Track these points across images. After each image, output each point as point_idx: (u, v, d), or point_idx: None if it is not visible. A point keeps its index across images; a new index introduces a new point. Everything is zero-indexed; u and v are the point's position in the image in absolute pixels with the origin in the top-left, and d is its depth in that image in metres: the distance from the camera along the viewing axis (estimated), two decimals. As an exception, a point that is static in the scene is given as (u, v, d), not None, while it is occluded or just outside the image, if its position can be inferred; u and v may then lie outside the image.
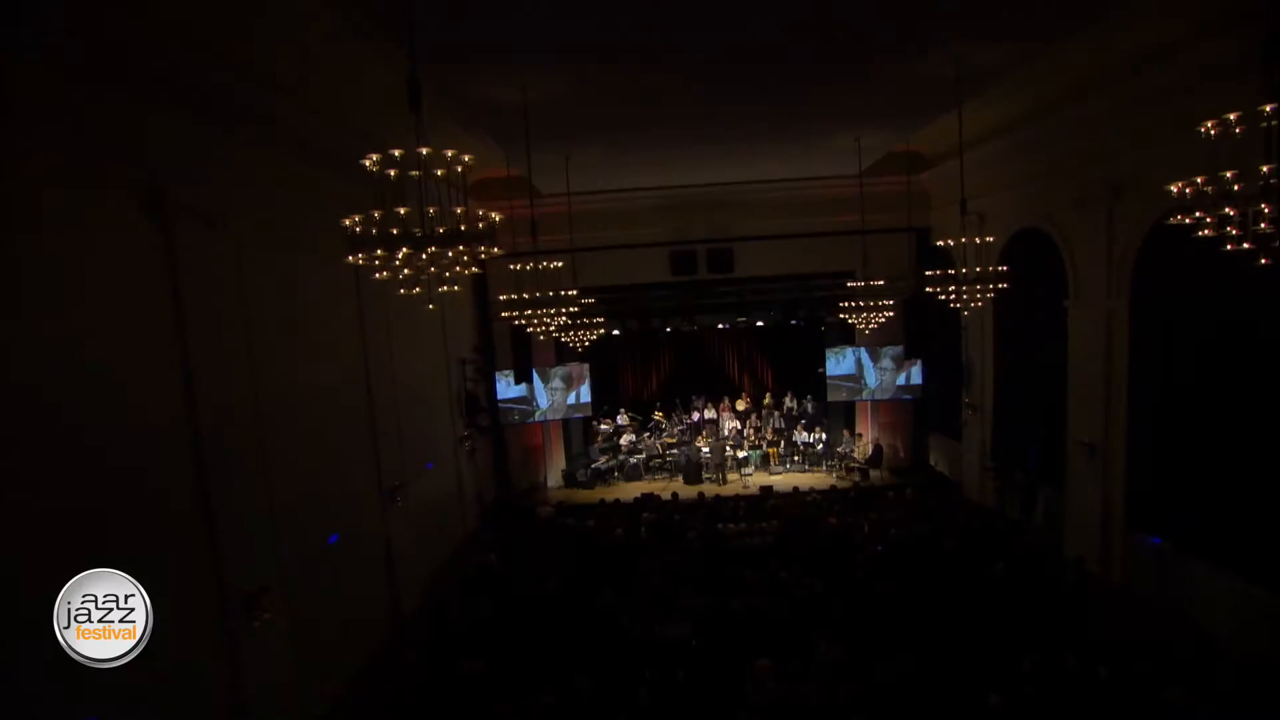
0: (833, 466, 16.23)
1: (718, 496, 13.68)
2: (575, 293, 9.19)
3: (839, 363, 15.92)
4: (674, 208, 15.32)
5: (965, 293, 8.81)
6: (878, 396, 15.99)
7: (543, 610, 9.63)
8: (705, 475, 16.06)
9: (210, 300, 6.72)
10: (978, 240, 9.15)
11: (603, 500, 13.80)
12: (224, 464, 6.76)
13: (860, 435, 16.25)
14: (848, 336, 16.43)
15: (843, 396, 16.21)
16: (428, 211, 4.18)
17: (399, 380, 11.35)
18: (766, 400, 18.86)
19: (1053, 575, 10.14)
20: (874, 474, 15.39)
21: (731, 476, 16.08)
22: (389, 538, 10.67)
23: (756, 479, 15.69)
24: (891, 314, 12.50)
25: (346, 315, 9.99)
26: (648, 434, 17.58)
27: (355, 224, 4.27)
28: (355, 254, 4.30)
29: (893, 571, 9.97)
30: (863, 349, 15.84)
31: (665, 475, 16.43)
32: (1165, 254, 9.28)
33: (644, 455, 16.82)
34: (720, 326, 19.96)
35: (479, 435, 15.01)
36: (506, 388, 15.68)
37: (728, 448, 16.39)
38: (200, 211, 6.53)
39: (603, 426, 17.86)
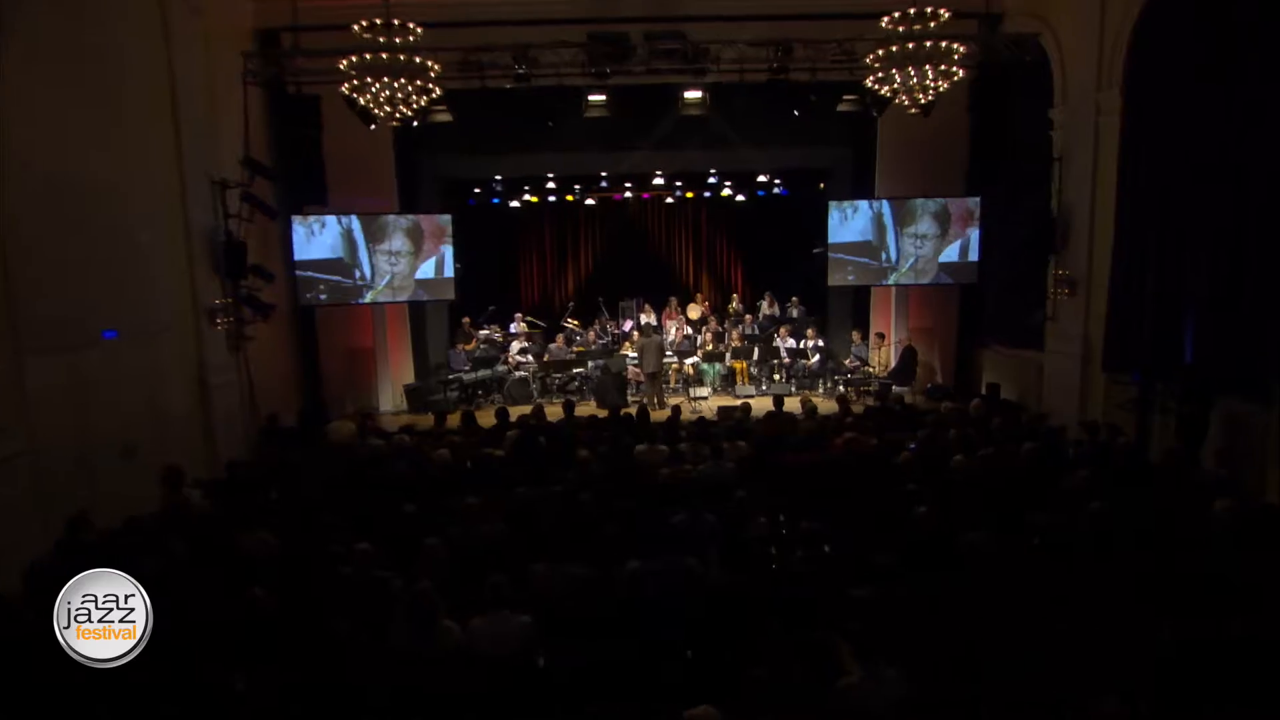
0: (834, 387, 11.61)
1: (643, 409, 8.91)
2: None
3: (846, 221, 11.22)
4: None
5: None
6: (906, 280, 11.37)
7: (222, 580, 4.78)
8: (632, 396, 11.32)
9: None
10: None
11: (440, 416, 8.87)
12: None
13: (882, 337, 11.61)
14: (864, 184, 11.80)
15: (849, 279, 11.55)
16: None
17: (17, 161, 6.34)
18: (734, 305, 14.19)
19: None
20: (900, 394, 10.74)
21: (675, 400, 11.35)
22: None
23: (713, 403, 10.98)
24: (957, 76, 7.74)
25: None
26: (556, 343, 12.73)
27: None
28: None
29: (972, 519, 5.34)
30: (885, 202, 11.19)
31: (576, 398, 11.55)
32: None
33: (535, 367, 11.97)
34: (668, 200, 15.27)
35: (255, 314, 9.91)
36: (308, 240, 10.58)
37: (669, 353, 11.63)
38: None
39: (483, 332, 12.95)
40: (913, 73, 7.58)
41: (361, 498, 6.42)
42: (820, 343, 12.10)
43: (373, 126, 8.77)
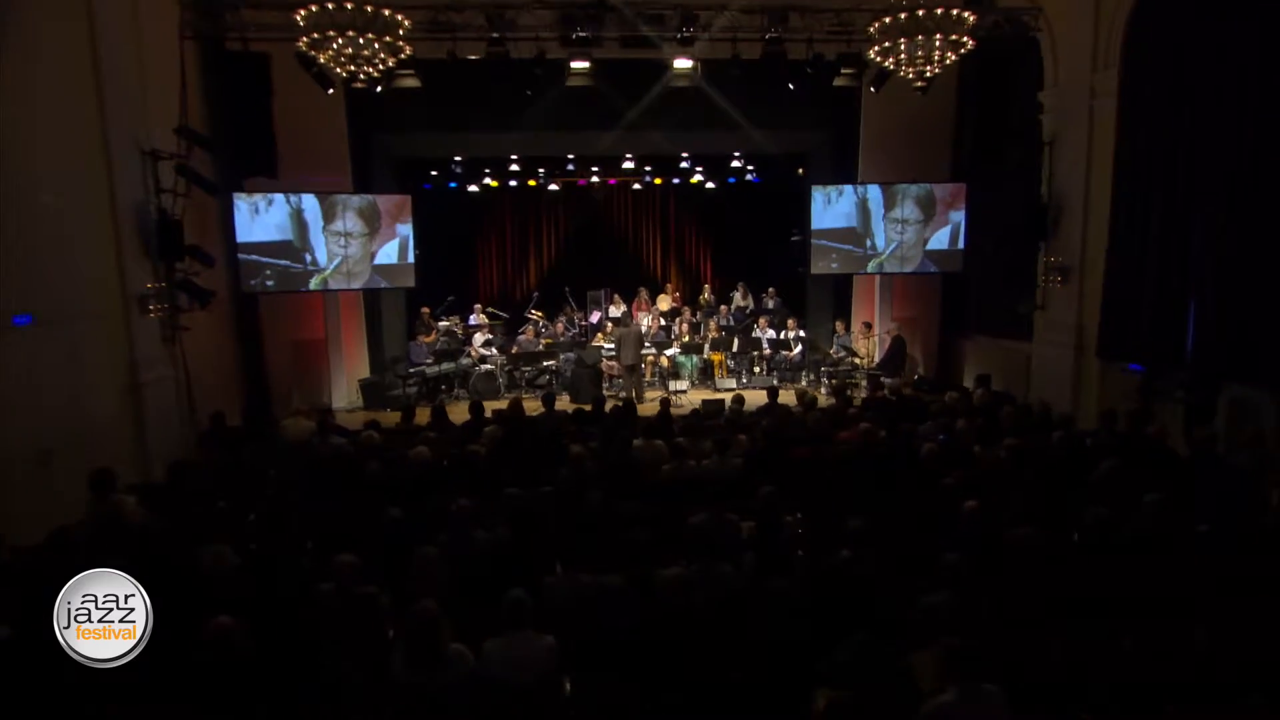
0: (818, 379, 11.28)
1: (628, 403, 8.39)
2: None
3: (829, 206, 10.91)
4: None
5: None
6: (891, 268, 11.11)
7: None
8: (607, 391, 10.76)
9: None
10: None
11: (408, 412, 8.17)
12: None
13: (869, 326, 11.31)
14: (845, 169, 11.50)
15: (833, 268, 11.24)
16: None
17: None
18: (705, 296, 13.76)
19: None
20: (895, 385, 10.40)
21: (654, 395, 10.84)
22: None
23: (693, 397, 10.51)
24: (967, 47, 7.39)
25: None
26: (522, 333, 12.08)
27: None
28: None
29: (1019, 513, 4.99)
30: (871, 186, 10.91)
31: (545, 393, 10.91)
32: None
33: (503, 360, 11.31)
34: (635, 186, 14.77)
35: (192, 301, 8.97)
36: (252, 220, 9.68)
37: (647, 344, 11.11)
38: None
39: (442, 324, 12.21)
40: (920, 42, 7.22)
41: (332, 502, 5.72)
42: (802, 333, 11.76)
43: (330, 91, 7.97)
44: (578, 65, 8.50)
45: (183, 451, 8.58)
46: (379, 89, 7.76)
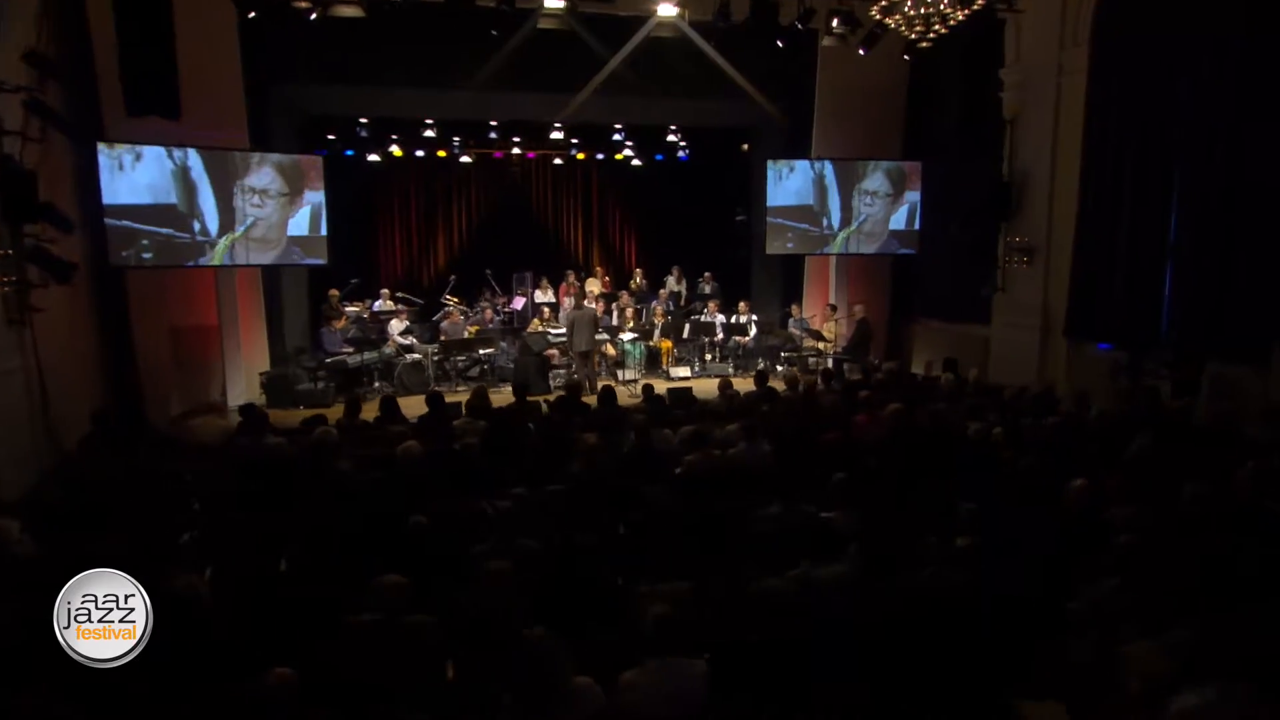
0: (774, 365, 10.98)
1: (609, 390, 7.68)
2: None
3: (782, 182, 10.63)
4: None
5: None
6: (854, 247, 10.97)
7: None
8: (554, 382, 9.94)
9: None
10: None
11: (352, 403, 7.07)
12: None
13: (834, 309, 11.09)
14: (794, 144, 11.28)
15: (789, 247, 10.97)
16: None
17: None
18: (636, 281, 13.19)
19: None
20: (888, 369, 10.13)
21: (604, 383, 10.13)
22: None
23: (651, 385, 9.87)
24: (977, 5, 7.23)
25: None
26: (445, 319, 10.98)
27: None
28: None
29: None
30: (826, 162, 10.73)
31: (485, 383, 9.89)
32: None
33: (432, 349, 10.21)
34: (556, 161, 14.00)
35: (48, 276, 7.33)
36: (114, 175, 8.08)
37: (601, 329, 10.38)
38: None
39: (350, 309, 10.95)
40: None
41: (300, 512, 4.67)
42: (755, 317, 11.42)
43: (251, 15, 6.69)
44: (551, 4, 7.67)
45: (36, 460, 7.00)
46: (314, 16, 6.58)
